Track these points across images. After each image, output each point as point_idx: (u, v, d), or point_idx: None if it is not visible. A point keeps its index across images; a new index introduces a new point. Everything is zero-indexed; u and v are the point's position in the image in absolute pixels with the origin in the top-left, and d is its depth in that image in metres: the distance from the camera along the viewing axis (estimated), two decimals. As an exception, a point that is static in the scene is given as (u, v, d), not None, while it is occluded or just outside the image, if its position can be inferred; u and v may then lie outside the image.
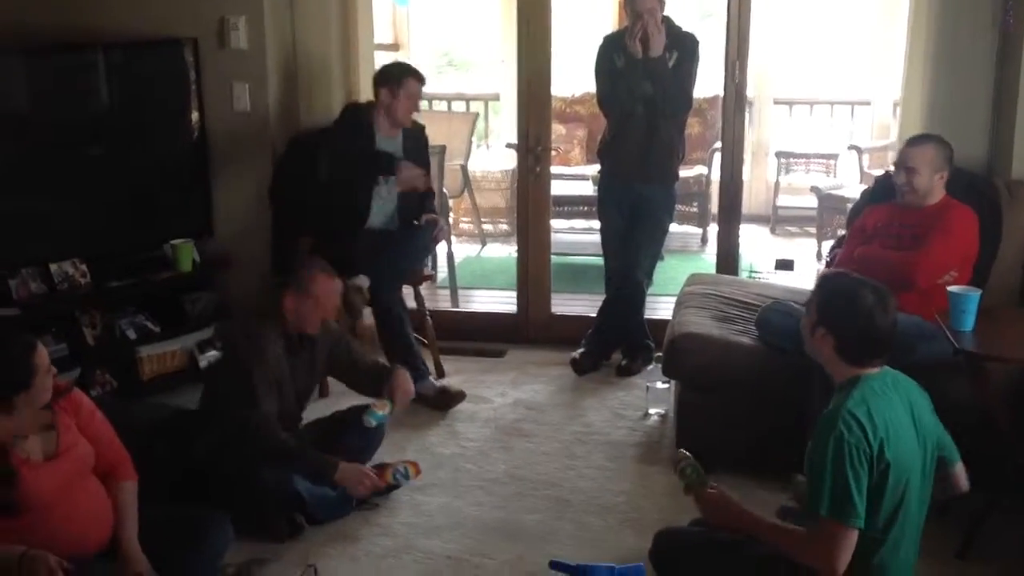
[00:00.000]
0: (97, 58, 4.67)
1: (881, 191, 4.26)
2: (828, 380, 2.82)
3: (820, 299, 2.75)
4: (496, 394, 4.78)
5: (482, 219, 7.61)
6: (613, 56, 4.76)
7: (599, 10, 8.72)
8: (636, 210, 4.89)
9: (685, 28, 4.76)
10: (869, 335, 2.66)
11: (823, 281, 2.87)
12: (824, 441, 2.54)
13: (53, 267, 4.43)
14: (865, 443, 2.52)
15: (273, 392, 3.57)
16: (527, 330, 5.46)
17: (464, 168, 7.28)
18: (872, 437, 2.53)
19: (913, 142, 3.97)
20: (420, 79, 4.65)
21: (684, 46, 4.69)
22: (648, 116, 4.74)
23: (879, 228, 4.01)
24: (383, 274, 4.56)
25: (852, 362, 2.68)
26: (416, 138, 4.81)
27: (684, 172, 7.37)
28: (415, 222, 4.78)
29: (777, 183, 7.95)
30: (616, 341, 5.10)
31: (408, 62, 4.82)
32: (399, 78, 4.60)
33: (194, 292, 4.88)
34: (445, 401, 4.60)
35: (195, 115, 4.85)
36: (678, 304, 4.51)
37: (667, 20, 4.69)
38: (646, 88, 4.69)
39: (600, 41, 4.91)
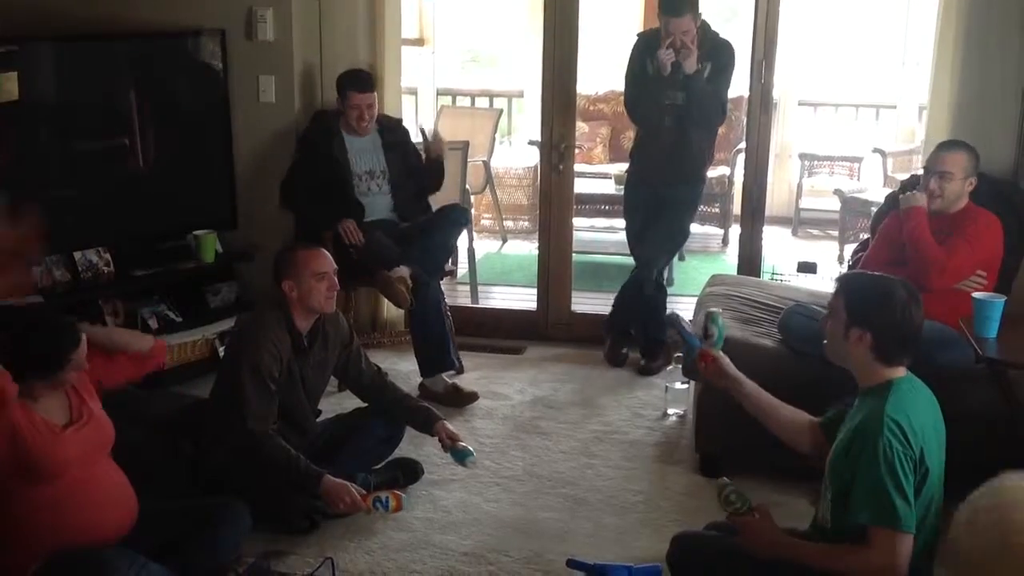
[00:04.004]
0: (124, 48, 4.69)
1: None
2: (846, 384, 2.80)
3: (850, 299, 2.68)
4: (515, 391, 4.79)
5: (504, 216, 7.61)
6: (646, 61, 4.75)
7: (626, 7, 8.69)
8: (659, 208, 4.90)
9: (720, 34, 4.75)
10: (907, 331, 2.63)
11: (848, 281, 2.81)
12: (871, 449, 2.50)
13: (77, 255, 4.47)
14: (910, 448, 2.49)
15: (268, 392, 3.51)
16: (547, 327, 5.46)
17: (487, 164, 7.28)
18: (914, 443, 2.50)
19: (946, 147, 3.95)
20: (363, 89, 4.66)
21: (719, 56, 4.68)
22: (677, 126, 4.75)
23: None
24: (423, 260, 4.59)
25: (887, 361, 2.63)
26: (393, 131, 4.83)
27: (707, 172, 7.37)
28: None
29: (800, 185, 7.91)
30: (630, 323, 5.11)
31: (364, 70, 4.79)
32: (341, 90, 4.66)
33: (216, 283, 4.91)
34: (456, 400, 4.60)
35: (221, 107, 4.87)
36: (699, 305, 4.50)
37: (704, 27, 4.67)
38: (678, 99, 4.68)
39: (635, 39, 4.90)
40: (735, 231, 6.19)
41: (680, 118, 4.72)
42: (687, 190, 4.91)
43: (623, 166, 5.60)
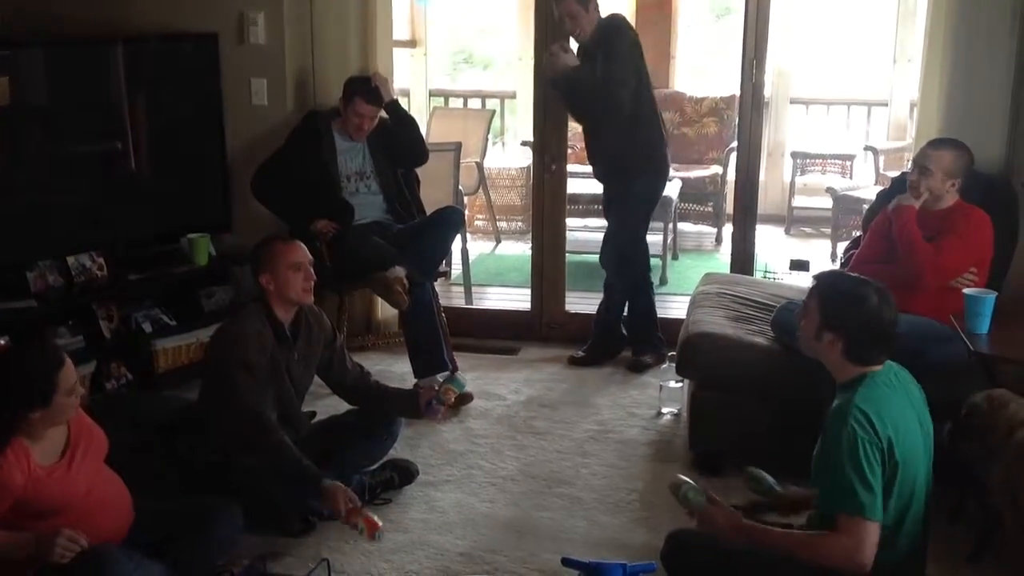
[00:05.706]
0: (117, 52, 4.69)
1: (898, 192, 4.25)
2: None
3: (822, 302, 2.74)
4: (509, 391, 4.79)
5: (497, 217, 7.62)
6: None
7: (618, 6, 8.70)
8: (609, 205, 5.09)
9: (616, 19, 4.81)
10: (878, 334, 2.67)
11: (823, 283, 2.85)
12: (836, 438, 2.54)
13: (70, 260, 4.46)
14: (876, 439, 2.53)
15: (259, 381, 3.51)
16: (541, 328, 5.46)
17: (480, 165, 7.29)
18: (881, 433, 2.53)
19: (934, 144, 3.96)
20: (371, 100, 4.66)
21: (604, 42, 4.69)
22: (593, 119, 4.90)
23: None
24: (419, 262, 4.60)
25: (860, 362, 2.68)
26: (380, 134, 4.81)
27: (699, 171, 7.39)
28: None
29: (792, 183, 7.92)
30: (612, 335, 5.16)
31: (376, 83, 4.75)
32: (350, 95, 4.66)
33: (210, 286, 4.90)
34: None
35: (213, 110, 4.87)
36: (692, 303, 4.50)
37: (602, 22, 4.73)
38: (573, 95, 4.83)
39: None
40: (728, 230, 6.20)
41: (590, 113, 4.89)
42: (629, 185, 4.95)
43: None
